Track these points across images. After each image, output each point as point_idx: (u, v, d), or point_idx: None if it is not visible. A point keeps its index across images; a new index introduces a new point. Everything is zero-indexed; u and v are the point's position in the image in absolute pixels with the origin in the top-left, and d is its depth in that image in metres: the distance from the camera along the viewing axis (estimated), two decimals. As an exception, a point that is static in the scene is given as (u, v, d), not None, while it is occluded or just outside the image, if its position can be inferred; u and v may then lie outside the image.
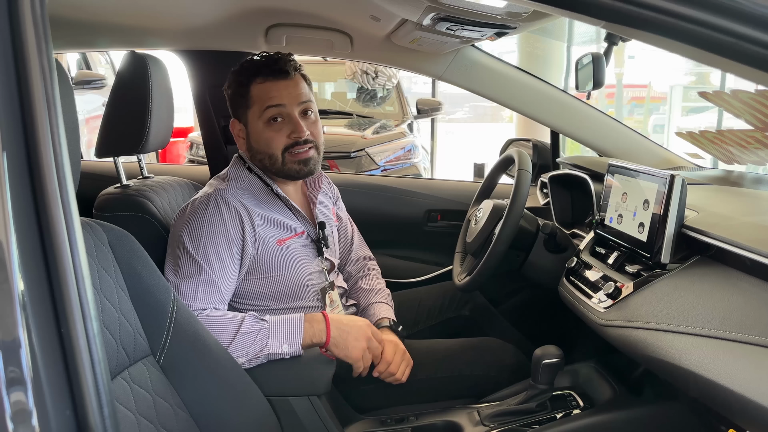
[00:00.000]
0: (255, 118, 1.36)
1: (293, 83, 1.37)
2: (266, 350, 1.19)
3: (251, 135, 1.39)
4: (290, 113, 1.36)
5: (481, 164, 3.77)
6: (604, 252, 1.30)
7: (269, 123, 1.36)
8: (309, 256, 1.45)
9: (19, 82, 0.56)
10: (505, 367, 1.49)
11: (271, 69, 1.35)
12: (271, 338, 1.20)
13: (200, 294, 1.24)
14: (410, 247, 2.18)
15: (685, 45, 0.71)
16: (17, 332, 0.53)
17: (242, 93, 1.37)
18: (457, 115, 14.90)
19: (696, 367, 0.84)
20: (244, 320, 1.21)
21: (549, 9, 0.78)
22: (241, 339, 1.19)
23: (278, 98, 1.34)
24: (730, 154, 1.65)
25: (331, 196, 1.66)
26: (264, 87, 1.35)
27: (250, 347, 1.19)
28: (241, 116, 1.40)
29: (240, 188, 1.38)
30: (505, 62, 1.87)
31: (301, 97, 1.37)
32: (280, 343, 1.20)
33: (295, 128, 1.35)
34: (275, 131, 1.35)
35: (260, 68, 1.36)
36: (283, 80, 1.35)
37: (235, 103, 1.40)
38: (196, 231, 1.29)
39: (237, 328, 1.19)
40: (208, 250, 1.27)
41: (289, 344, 1.21)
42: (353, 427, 1.35)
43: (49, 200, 0.56)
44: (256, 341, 1.19)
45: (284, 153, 1.36)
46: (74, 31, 1.79)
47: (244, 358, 1.19)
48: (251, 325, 1.21)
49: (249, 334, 1.19)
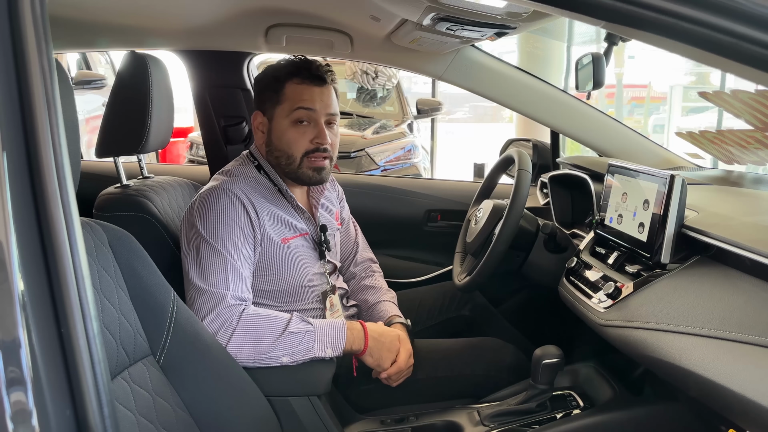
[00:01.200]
0: (282, 116, 1.37)
1: (327, 92, 1.39)
2: (312, 352, 1.22)
3: (274, 131, 1.39)
4: (317, 119, 1.37)
5: (481, 164, 3.78)
6: (604, 252, 1.30)
7: (295, 124, 1.36)
8: (311, 257, 1.45)
9: (19, 82, 0.56)
10: (505, 367, 1.49)
11: (310, 73, 1.37)
12: (317, 341, 1.23)
13: (230, 282, 1.25)
14: (410, 247, 2.18)
15: (685, 45, 0.71)
16: (17, 332, 0.53)
17: (276, 88, 1.38)
18: (457, 115, 14.90)
19: (696, 367, 0.84)
20: (291, 320, 1.24)
21: (549, 9, 0.78)
22: (288, 338, 1.21)
23: (310, 102, 1.36)
24: (730, 154, 1.65)
25: (336, 197, 1.66)
26: (299, 88, 1.36)
27: (297, 347, 1.21)
28: (267, 110, 1.40)
29: (247, 185, 1.38)
30: (505, 62, 1.87)
31: (330, 107, 1.39)
32: (325, 347, 1.23)
33: (319, 134, 1.36)
34: (299, 133, 1.36)
35: (300, 69, 1.37)
36: (318, 86, 1.37)
37: (265, 96, 1.40)
38: (210, 222, 1.29)
39: (285, 327, 1.21)
40: (225, 240, 1.28)
41: (333, 349, 1.24)
42: (353, 427, 1.35)
43: (49, 200, 0.56)
44: (303, 342, 1.22)
45: (303, 157, 1.37)
46: (74, 31, 1.80)
47: (290, 357, 1.21)
48: (298, 325, 1.23)
49: (297, 335, 1.22)
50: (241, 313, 1.21)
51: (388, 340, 1.32)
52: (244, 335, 1.19)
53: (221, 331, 1.18)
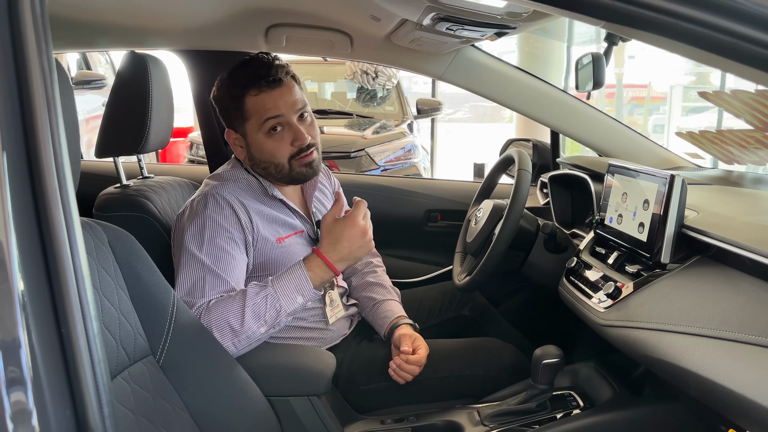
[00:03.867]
0: (254, 131, 1.36)
1: (287, 90, 1.35)
2: (283, 309, 1.20)
3: (252, 146, 1.38)
4: (289, 121, 1.35)
5: (481, 164, 3.78)
6: (604, 252, 1.30)
7: (270, 134, 1.35)
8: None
9: (19, 82, 0.56)
10: (505, 367, 1.49)
11: (264, 80, 1.33)
12: (281, 297, 1.21)
13: (207, 291, 1.25)
14: (410, 247, 2.18)
15: (685, 45, 0.71)
16: (17, 332, 0.53)
17: (237, 106, 1.36)
18: (457, 115, 14.90)
19: (696, 367, 0.84)
20: (246, 293, 1.21)
21: (549, 9, 0.78)
22: (252, 310, 1.19)
23: (275, 109, 1.33)
24: (730, 154, 1.65)
25: (330, 190, 1.66)
26: (259, 99, 1.33)
27: (266, 314, 1.19)
28: (238, 128, 1.39)
29: (237, 188, 1.38)
30: (505, 62, 1.87)
31: (297, 104, 1.37)
32: (293, 298, 1.21)
33: (297, 136, 1.35)
34: (278, 141, 1.35)
35: (252, 79, 1.33)
36: (277, 89, 1.34)
37: (230, 115, 1.39)
38: (198, 230, 1.29)
39: (243, 302, 1.20)
40: (213, 246, 1.28)
41: (302, 294, 1.22)
42: (353, 427, 1.35)
43: (49, 200, 0.56)
44: (268, 306, 1.20)
45: (291, 160, 1.37)
46: (74, 31, 1.79)
47: (265, 326, 1.19)
48: (255, 293, 1.22)
49: (258, 303, 1.20)
50: (206, 307, 1.21)
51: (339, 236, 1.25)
52: (215, 326, 1.18)
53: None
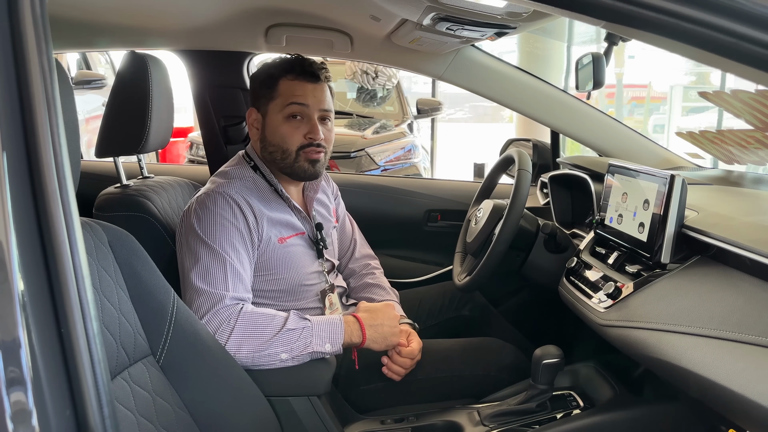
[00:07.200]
0: (275, 111, 1.38)
1: (320, 88, 1.40)
2: (311, 348, 1.22)
3: (267, 126, 1.40)
4: (310, 115, 1.38)
5: (481, 164, 3.77)
6: (604, 252, 1.30)
7: (288, 119, 1.37)
8: (309, 255, 1.45)
9: (19, 82, 0.56)
10: (505, 367, 1.49)
11: (303, 69, 1.38)
12: (314, 337, 1.22)
13: (230, 283, 1.25)
14: (410, 247, 2.18)
15: (685, 45, 0.71)
16: (17, 332, 0.53)
17: (269, 84, 1.39)
18: (457, 115, 14.91)
19: (696, 367, 0.84)
20: (289, 317, 1.24)
21: (549, 9, 0.78)
22: (286, 334, 1.21)
23: (303, 97, 1.37)
24: (730, 154, 1.65)
25: (331, 194, 1.66)
26: (293, 84, 1.38)
27: (294, 343, 1.21)
28: (261, 106, 1.41)
29: (243, 187, 1.38)
30: (505, 62, 1.87)
31: (323, 103, 1.40)
32: (323, 342, 1.23)
33: (312, 130, 1.37)
34: (293, 128, 1.37)
35: (294, 66, 1.39)
36: (311, 83, 1.38)
37: (259, 93, 1.42)
38: (207, 224, 1.30)
39: (282, 324, 1.22)
40: (224, 242, 1.28)
41: (332, 344, 1.24)
42: (353, 427, 1.35)
43: (49, 200, 0.56)
44: (301, 338, 1.21)
45: (299, 150, 1.38)
46: (74, 31, 1.80)
47: (288, 354, 1.20)
48: (296, 322, 1.23)
49: (294, 331, 1.22)
50: (240, 311, 1.21)
51: (383, 320, 1.32)
52: (242, 333, 1.19)
53: (220, 329, 1.18)
